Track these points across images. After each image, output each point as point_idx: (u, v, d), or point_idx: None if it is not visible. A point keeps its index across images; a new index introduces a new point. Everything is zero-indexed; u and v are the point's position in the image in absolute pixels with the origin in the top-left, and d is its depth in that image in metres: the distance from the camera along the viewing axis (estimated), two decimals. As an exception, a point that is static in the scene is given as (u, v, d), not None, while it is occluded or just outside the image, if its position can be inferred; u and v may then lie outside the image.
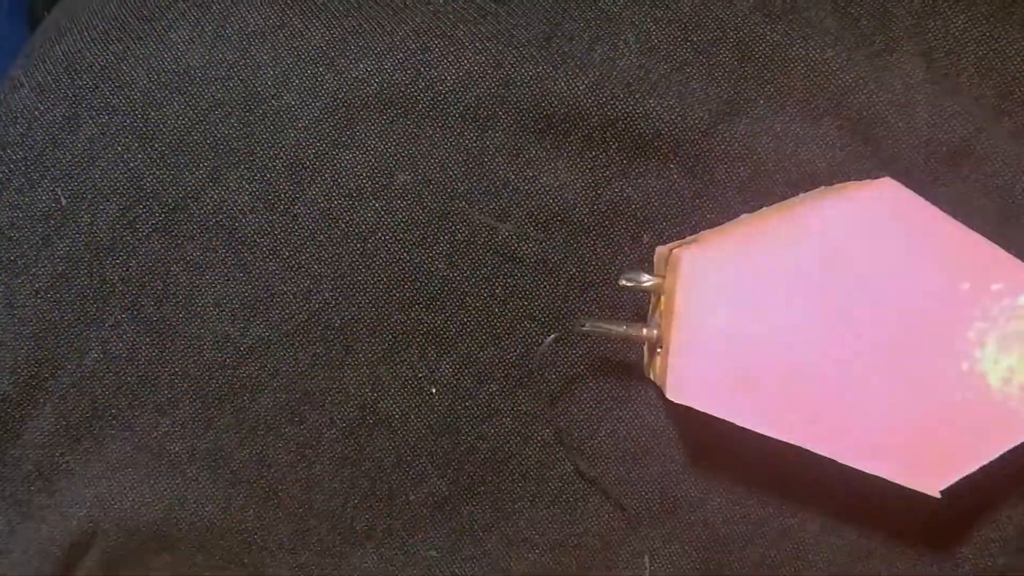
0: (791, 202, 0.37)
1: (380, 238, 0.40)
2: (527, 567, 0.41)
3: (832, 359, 0.34)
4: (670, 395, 0.34)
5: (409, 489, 0.40)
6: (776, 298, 0.34)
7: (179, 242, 0.39)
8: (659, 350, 0.36)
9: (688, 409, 0.34)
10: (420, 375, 0.40)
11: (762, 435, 0.34)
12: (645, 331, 0.37)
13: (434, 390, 0.40)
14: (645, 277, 0.36)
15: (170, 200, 0.39)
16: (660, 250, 0.39)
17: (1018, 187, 0.39)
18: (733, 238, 0.35)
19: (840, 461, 0.34)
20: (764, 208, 0.38)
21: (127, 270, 0.40)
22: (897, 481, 0.34)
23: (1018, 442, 0.34)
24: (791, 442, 0.34)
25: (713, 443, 0.40)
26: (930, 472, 0.34)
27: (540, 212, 0.40)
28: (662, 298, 0.37)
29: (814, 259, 0.34)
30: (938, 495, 0.34)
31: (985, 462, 0.34)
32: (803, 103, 0.39)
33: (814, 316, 0.34)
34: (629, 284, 0.36)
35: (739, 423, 0.34)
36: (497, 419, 0.41)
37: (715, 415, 0.34)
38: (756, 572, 0.41)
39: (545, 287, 0.40)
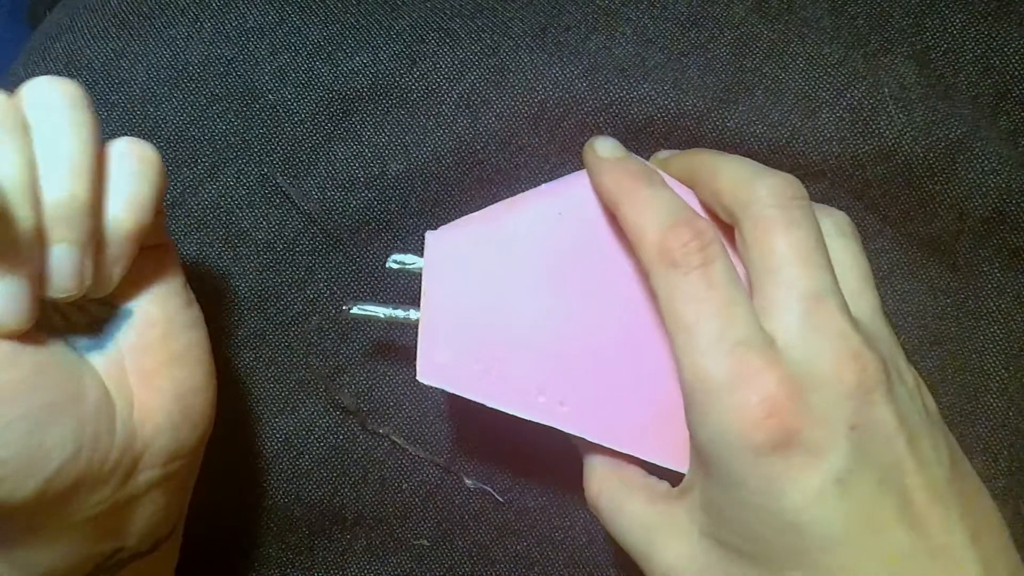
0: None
1: (373, 228, 0.40)
2: (514, 558, 0.42)
3: (580, 339, 0.33)
4: (419, 377, 0.33)
5: (401, 478, 0.41)
6: (521, 278, 0.33)
7: (176, 237, 0.40)
8: None
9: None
10: (414, 363, 0.41)
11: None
12: (408, 314, 0.36)
13: (428, 379, 0.41)
14: (411, 259, 0.36)
15: (168, 196, 0.40)
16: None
17: (1014, 186, 0.38)
18: (477, 218, 0.34)
19: (592, 440, 0.33)
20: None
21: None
22: (648, 459, 0.33)
23: None
24: (543, 423, 0.33)
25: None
26: (681, 449, 0.32)
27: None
28: None
29: (558, 237, 0.33)
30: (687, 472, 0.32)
31: None
32: (802, 95, 0.39)
33: (561, 296, 0.33)
34: (395, 266, 0.36)
35: (490, 405, 0.33)
36: (488, 408, 0.40)
37: (465, 397, 0.33)
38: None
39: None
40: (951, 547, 0.27)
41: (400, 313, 0.36)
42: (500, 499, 0.41)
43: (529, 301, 0.33)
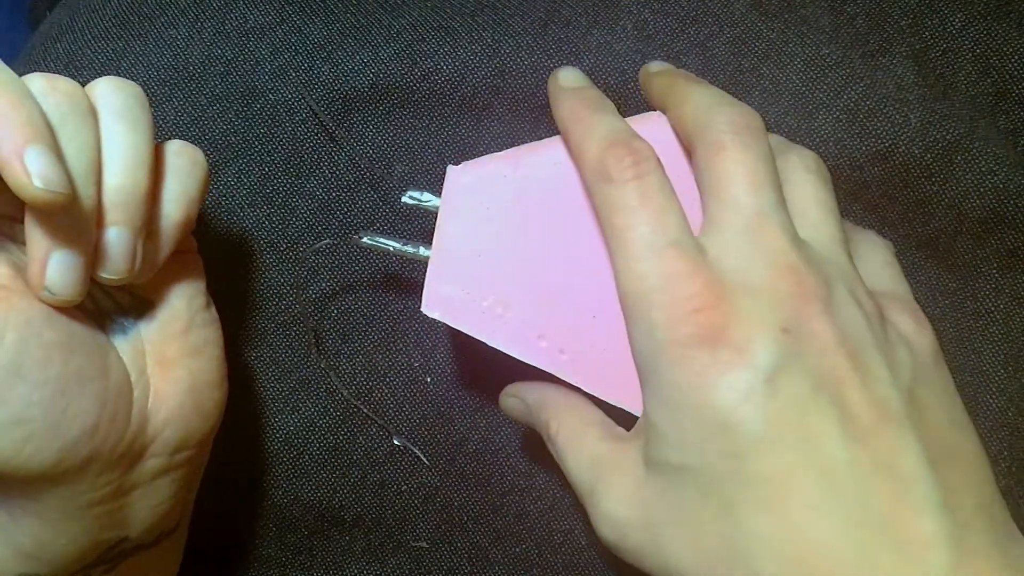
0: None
1: (378, 229, 0.40)
2: (513, 560, 0.41)
3: (586, 289, 0.33)
4: (423, 308, 0.34)
5: (401, 479, 0.41)
6: (535, 222, 0.33)
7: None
8: None
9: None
10: (415, 364, 0.41)
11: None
12: (417, 251, 0.36)
13: (429, 379, 0.41)
14: (427, 196, 0.36)
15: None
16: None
17: (1012, 187, 0.39)
18: (499, 157, 0.34)
19: (591, 393, 0.33)
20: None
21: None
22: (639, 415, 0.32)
23: None
24: (541, 368, 0.33)
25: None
26: None
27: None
28: None
29: (573, 185, 0.33)
30: None
31: None
32: (799, 96, 0.39)
33: (572, 244, 0.33)
34: (411, 202, 0.36)
35: (490, 343, 0.33)
36: (489, 410, 0.41)
37: (467, 333, 0.33)
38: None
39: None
40: (901, 466, 0.26)
41: (410, 249, 0.36)
42: (427, 462, 0.41)
43: (541, 246, 0.33)
